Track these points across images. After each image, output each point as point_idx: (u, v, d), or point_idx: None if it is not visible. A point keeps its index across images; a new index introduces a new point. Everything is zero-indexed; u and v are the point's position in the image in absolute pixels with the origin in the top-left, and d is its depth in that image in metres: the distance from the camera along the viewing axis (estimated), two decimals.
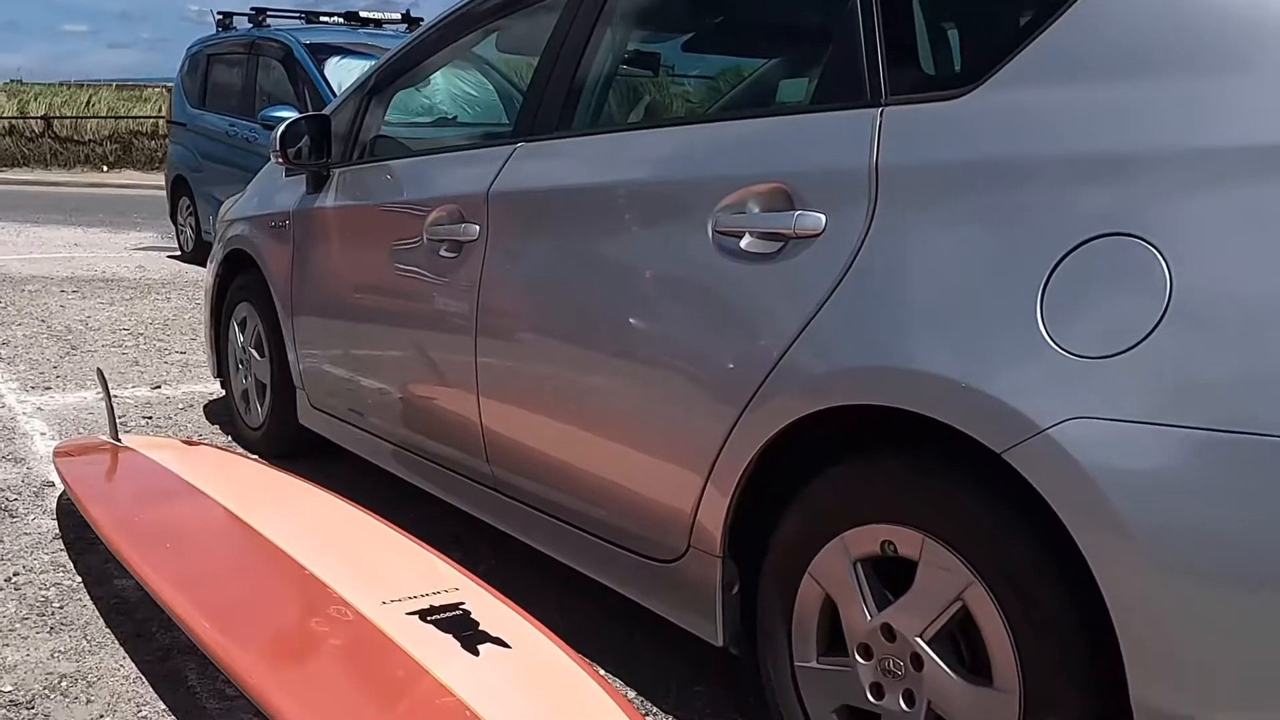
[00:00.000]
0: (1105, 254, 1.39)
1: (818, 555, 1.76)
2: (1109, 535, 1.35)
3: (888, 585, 1.68)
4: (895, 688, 1.66)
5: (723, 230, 1.87)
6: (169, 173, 9.02)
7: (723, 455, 1.86)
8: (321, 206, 3.21)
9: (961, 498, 1.56)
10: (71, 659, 2.21)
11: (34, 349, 5.13)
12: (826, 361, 1.69)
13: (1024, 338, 1.43)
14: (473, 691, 1.69)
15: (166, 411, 4.16)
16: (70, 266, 7.98)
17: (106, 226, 11.25)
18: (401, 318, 2.77)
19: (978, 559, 1.53)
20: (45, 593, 2.50)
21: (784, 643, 1.83)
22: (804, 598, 1.79)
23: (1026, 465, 1.42)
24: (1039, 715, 1.47)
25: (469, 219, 2.51)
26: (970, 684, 1.56)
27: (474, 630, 1.88)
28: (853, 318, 1.66)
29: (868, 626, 1.68)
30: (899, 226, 1.63)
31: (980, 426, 1.47)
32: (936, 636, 1.60)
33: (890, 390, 1.59)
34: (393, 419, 2.89)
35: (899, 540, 1.63)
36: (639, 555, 2.10)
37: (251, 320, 3.66)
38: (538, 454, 2.32)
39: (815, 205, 1.74)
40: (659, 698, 2.15)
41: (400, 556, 2.23)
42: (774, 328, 1.77)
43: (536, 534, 2.40)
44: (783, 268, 1.78)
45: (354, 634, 1.85)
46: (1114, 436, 1.34)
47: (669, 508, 1.98)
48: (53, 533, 2.86)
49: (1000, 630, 1.51)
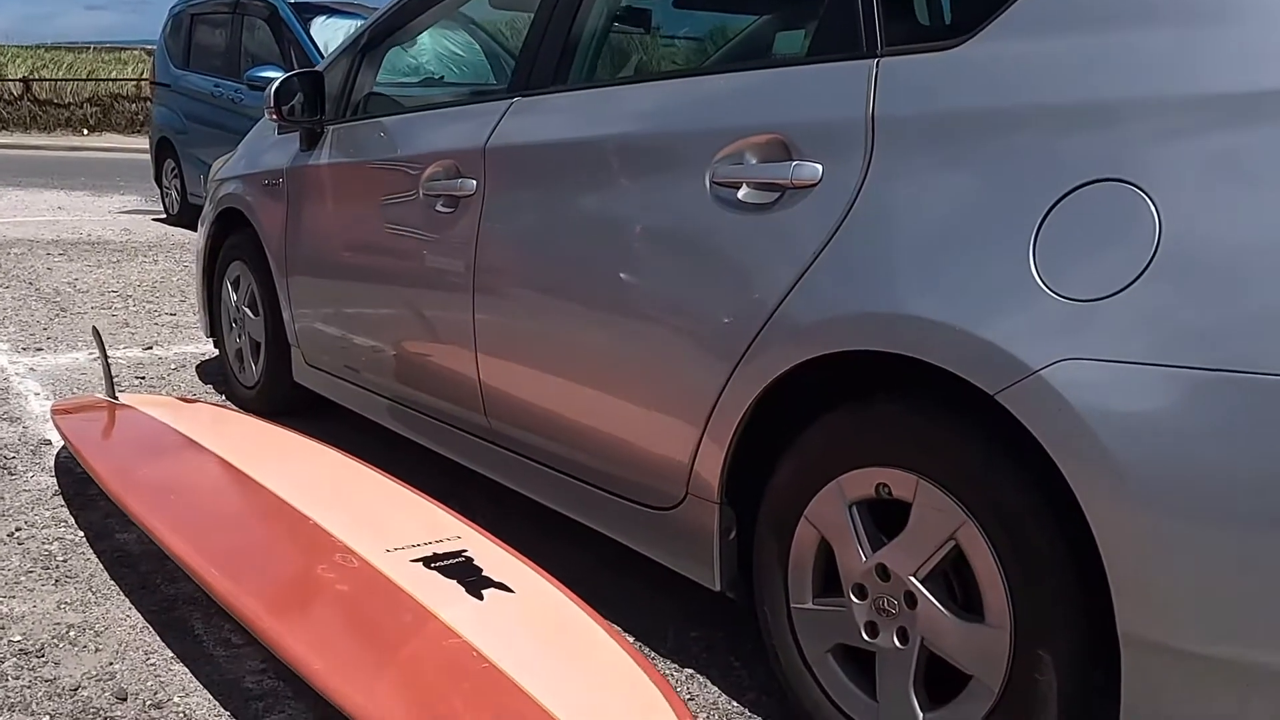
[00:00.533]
0: (1096, 200, 1.43)
1: (814, 499, 1.80)
2: (1099, 474, 1.39)
3: (882, 527, 1.73)
4: (889, 626, 1.70)
5: (720, 181, 1.90)
6: (153, 135, 8.96)
7: (720, 405, 1.90)
8: (316, 164, 3.21)
9: (955, 440, 1.60)
10: (78, 610, 2.24)
11: (23, 311, 5.13)
12: (823, 309, 1.72)
13: (1017, 282, 1.47)
14: (479, 633, 1.73)
15: (159, 372, 4.17)
16: (55, 229, 7.94)
17: (89, 189, 11.17)
18: (398, 274, 2.79)
19: (970, 499, 1.57)
20: (48, 547, 2.53)
21: (780, 585, 1.87)
22: (800, 541, 1.83)
23: (1019, 406, 1.46)
24: (1029, 649, 1.52)
25: (465, 174, 2.52)
26: (963, 620, 1.61)
27: (477, 576, 1.92)
28: (848, 265, 1.70)
29: (863, 567, 1.73)
30: (894, 176, 1.66)
31: (973, 369, 1.51)
32: (930, 575, 1.64)
33: (885, 336, 1.62)
34: (389, 375, 2.91)
35: (893, 483, 1.67)
36: (636, 503, 2.14)
37: (245, 279, 3.67)
38: (536, 407, 2.35)
39: (812, 155, 1.77)
40: (656, 642, 2.20)
41: (401, 507, 2.27)
42: (771, 277, 1.80)
43: (533, 484, 2.44)
44: (780, 218, 1.81)
45: (360, 580, 1.89)
46: (1105, 377, 1.38)
47: (667, 457, 2.02)
48: (52, 489, 2.89)
49: (992, 568, 1.56)
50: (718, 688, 2.04)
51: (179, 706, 1.91)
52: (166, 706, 1.91)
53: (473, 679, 1.63)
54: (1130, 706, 1.42)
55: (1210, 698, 1.37)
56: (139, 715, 1.87)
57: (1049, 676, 1.51)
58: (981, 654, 1.58)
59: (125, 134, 19.52)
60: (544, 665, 1.67)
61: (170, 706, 1.91)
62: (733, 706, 1.98)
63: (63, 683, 1.97)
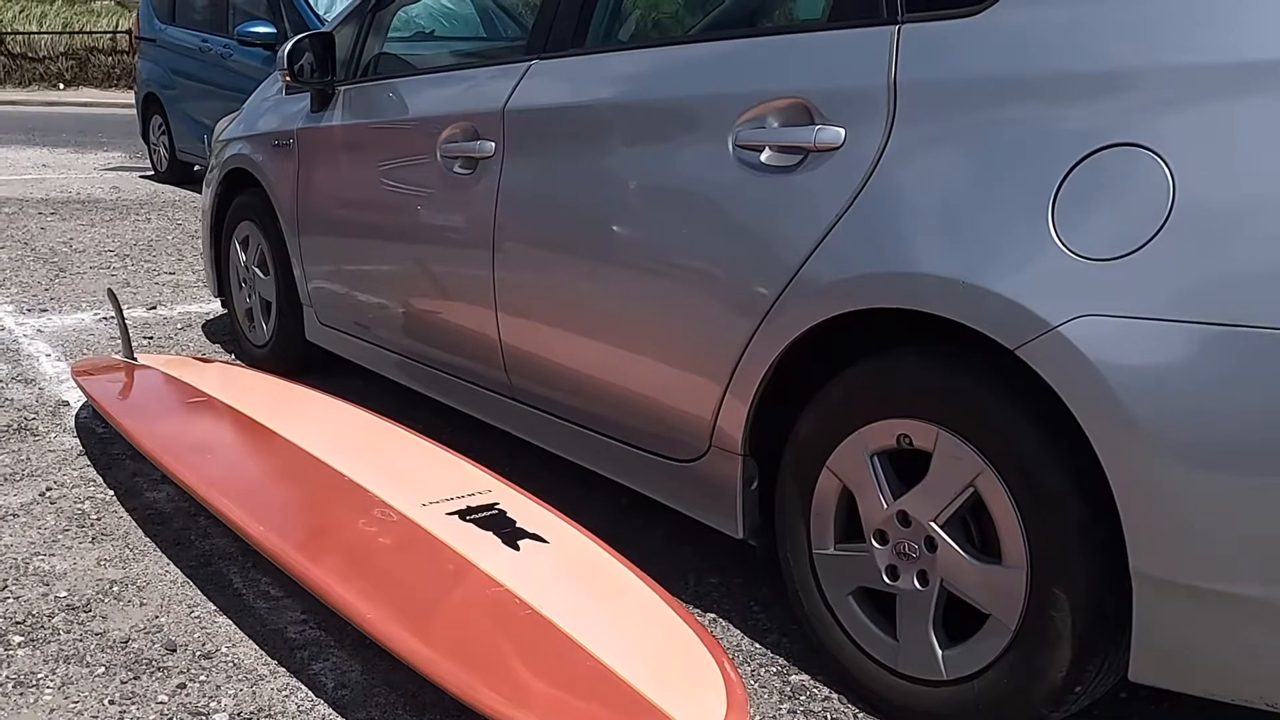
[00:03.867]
0: (1113, 163, 1.50)
1: (836, 450, 1.88)
2: (1116, 425, 1.48)
3: (902, 476, 1.81)
4: (910, 569, 1.80)
5: (743, 145, 1.96)
6: (139, 90, 8.88)
7: (743, 362, 1.97)
8: (328, 125, 3.25)
9: (976, 392, 1.68)
10: (118, 566, 2.31)
11: (22, 272, 5.15)
12: (845, 268, 1.80)
13: (1036, 243, 1.55)
14: (519, 582, 1.81)
15: (166, 331, 4.22)
16: (43, 188, 7.91)
17: (72, 146, 11.09)
18: (414, 234, 2.84)
19: (989, 448, 1.66)
20: (81, 506, 2.60)
21: (802, 533, 1.96)
22: (822, 490, 1.92)
23: (1038, 361, 1.54)
24: (1045, 588, 1.62)
25: (484, 135, 2.57)
26: (981, 563, 1.70)
27: (512, 527, 2.01)
28: (871, 226, 1.77)
29: (884, 514, 1.82)
30: (916, 140, 1.73)
31: (995, 326, 1.59)
32: (949, 520, 1.73)
33: (909, 294, 1.70)
34: (405, 333, 2.97)
35: (914, 433, 1.76)
36: (660, 456, 2.22)
37: (254, 239, 3.71)
38: (558, 365, 2.42)
39: (835, 119, 1.83)
40: (678, 588, 2.29)
41: (429, 461, 2.34)
42: (793, 238, 1.87)
43: (555, 439, 2.52)
44: (802, 180, 1.87)
45: (401, 533, 1.97)
46: (1121, 332, 1.47)
47: (691, 413, 2.10)
48: (77, 450, 2.95)
49: (1010, 513, 1.65)
50: (740, 630, 2.13)
51: (227, 656, 1.99)
52: (216, 656, 1.99)
53: (518, 624, 1.71)
54: (1141, 638, 1.52)
55: (1217, 630, 1.47)
56: (190, 666, 1.96)
57: (1064, 612, 1.61)
58: (999, 594, 1.68)
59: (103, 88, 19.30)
60: (584, 610, 1.76)
61: (219, 656, 1.99)
62: (755, 648, 2.07)
63: (112, 635, 2.05)
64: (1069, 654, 1.61)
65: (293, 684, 1.91)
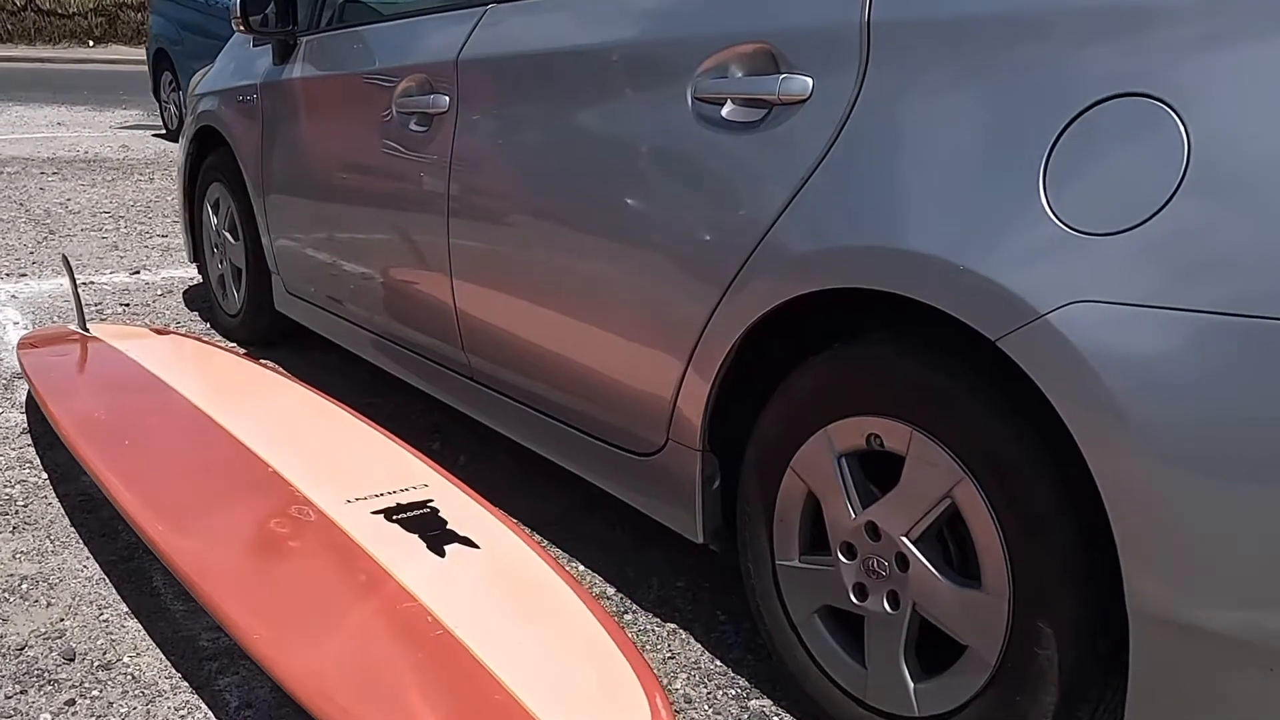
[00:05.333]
0: (1116, 117, 1.24)
1: (801, 449, 1.65)
2: (1110, 429, 1.23)
3: (874, 481, 1.58)
4: (879, 589, 1.57)
5: (703, 97, 1.72)
6: (150, 45, 8.71)
7: (703, 341, 1.74)
8: (289, 78, 3.03)
9: (952, 388, 1.44)
10: (34, 560, 2.13)
11: (10, 234, 4.99)
12: (811, 240, 1.55)
13: (1025, 213, 1.30)
14: (437, 596, 1.61)
15: (144, 298, 4.04)
16: (52, 147, 7.77)
17: (91, 104, 10.96)
18: (374, 198, 2.62)
19: (968, 454, 1.42)
20: (10, 490, 2.42)
21: (765, 540, 1.74)
22: (786, 494, 1.69)
23: (1023, 354, 1.30)
24: (1029, 619, 1.38)
25: (438, 89, 2.34)
26: (958, 586, 1.47)
27: (441, 530, 1.80)
28: (840, 192, 1.52)
29: (851, 524, 1.59)
30: (891, 90, 1.48)
31: (974, 311, 1.34)
32: (923, 536, 1.50)
33: (879, 272, 1.46)
34: (368, 305, 2.77)
35: (885, 434, 1.52)
36: (617, 448, 2.00)
37: (224, 201, 3.51)
38: (513, 339, 2.20)
39: (801, 67, 1.58)
40: (640, 593, 2.08)
41: (370, 452, 2.14)
42: (757, 203, 1.63)
43: (513, 425, 2.30)
44: (766, 137, 1.63)
45: (315, 535, 1.77)
46: (1119, 322, 1.22)
47: (647, 397, 1.88)
48: (21, 426, 2.77)
49: (990, 530, 1.41)
50: (700, 644, 1.92)
51: (128, 668, 1.80)
52: (115, 668, 1.80)
53: (426, 646, 1.51)
54: (1139, 685, 1.29)
55: (1228, 678, 1.22)
56: (84, 678, 1.77)
57: (1050, 649, 1.37)
58: (978, 623, 1.45)
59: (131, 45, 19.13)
60: (504, 633, 1.55)
61: (119, 668, 1.80)
62: (715, 666, 1.86)
63: (9, 641, 1.86)
64: (1055, 697, 1.38)
65: (192, 702, 1.72)
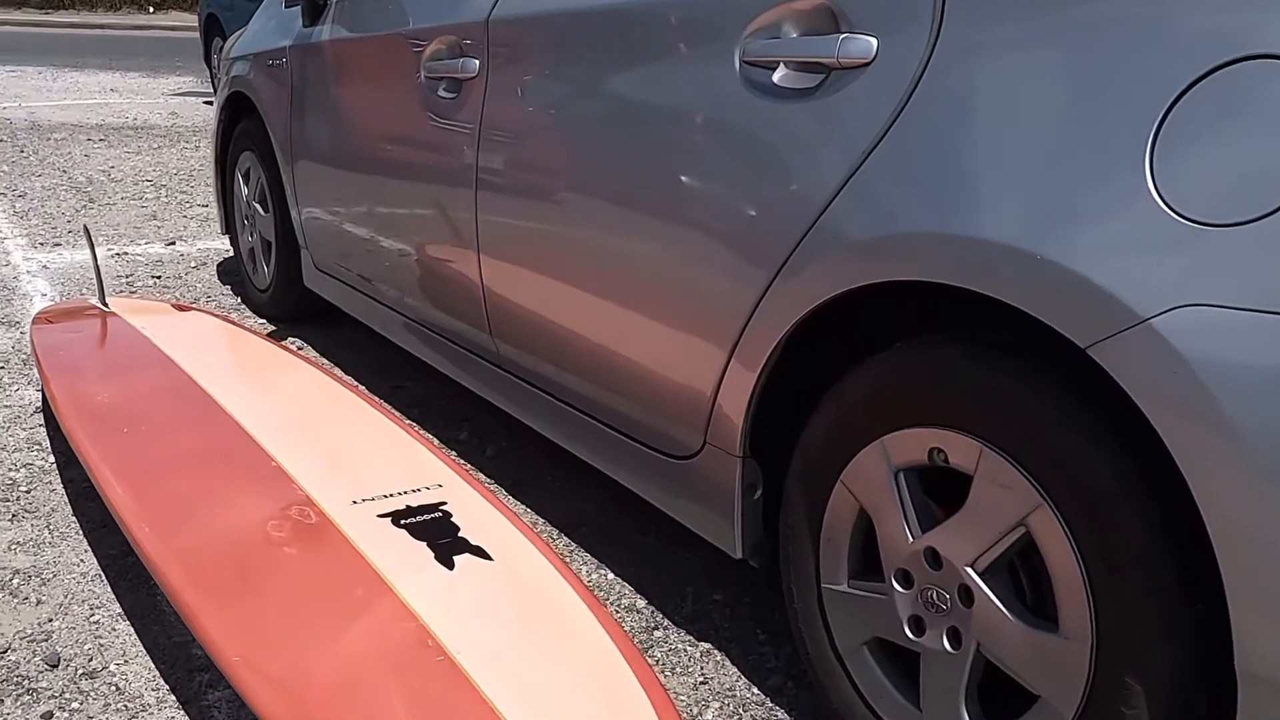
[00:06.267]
0: (1243, 84, 1.03)
1: (853, 460, 1.46)
2: (1221, 456, 1.03)
3: (935, 501, 1.39)
4: (939, 624, 1.38)
5: (752, 60, 1.53)
6: (201, 11, 8.63)
7: (748, 331, 1.55)
8: (318, 41, 2.87)
9: (1031, 400, 1.24)
10: (29, 552, 2.00)
11: (50, 202, 4.91)
12: (872, 224, 1.36)
13: (1127, 199, 1.09)
14: (440, 615, 1.45)
15: (177, 270, 3.92)
16: (102, 113, 7.72)
17: (146, 71, 10.94)
18: (402, 170, 2.46)
19: (1048, 477, 1.22)
20: (14, 474, 2.30)
21: (810, 560, 1.55)
22: (835, 509, 1.50)
23: (1119, 365, 1.10)
24: (1114, 671, 1.19)
25: (467, 53, 2.17)
26: (1030, 627, 1.27)
27: (452, 537, 1.63)
28: (906, 170, 1.32)
29: (909, 549, 1.40)
30: (970, 52, 1.27)
31: (1061, 313, 1.14)
32: (991, 567, 1.31)
33: (949, 264, 1.26)
34: (395, 284, 2.61)
35: (951, 448, 1.33)
36: (650, 449, 1.82)
37: (255, 171, 3.36)
38: (541, 323, 2.03)
39: (865, 26, 1.38)
40: (672, 606, 1.90)
41: (384, 446, 1.98)
42: (811, 180, 1.44)
43: (541, 418, 2.13)
44: (823, 106, 1.43)
45: (314, 541, 1.61)
46: (1239, 331, 1.01)
47: (683, 393, 1.69)
48: (35, 405, 2.66)
49: (1071, 566, 1.21)
50: (737, 668, 1.74)
51: (113, 677, 1.66)
52: (100, 676, 1.66)
53: (421, 673, 1.34)
54: None
55: None
56: (66, 688, 1.63)
57: (1138, 709, 1.17)
58: (1052, 671, 1.25)
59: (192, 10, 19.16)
60: (511, 659, 1.38)
61: (104, 677, 1.66)
62: (752, 694, 1.68)
63: None
64: None
65: (177, 718, 1.58)
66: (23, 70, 10.62)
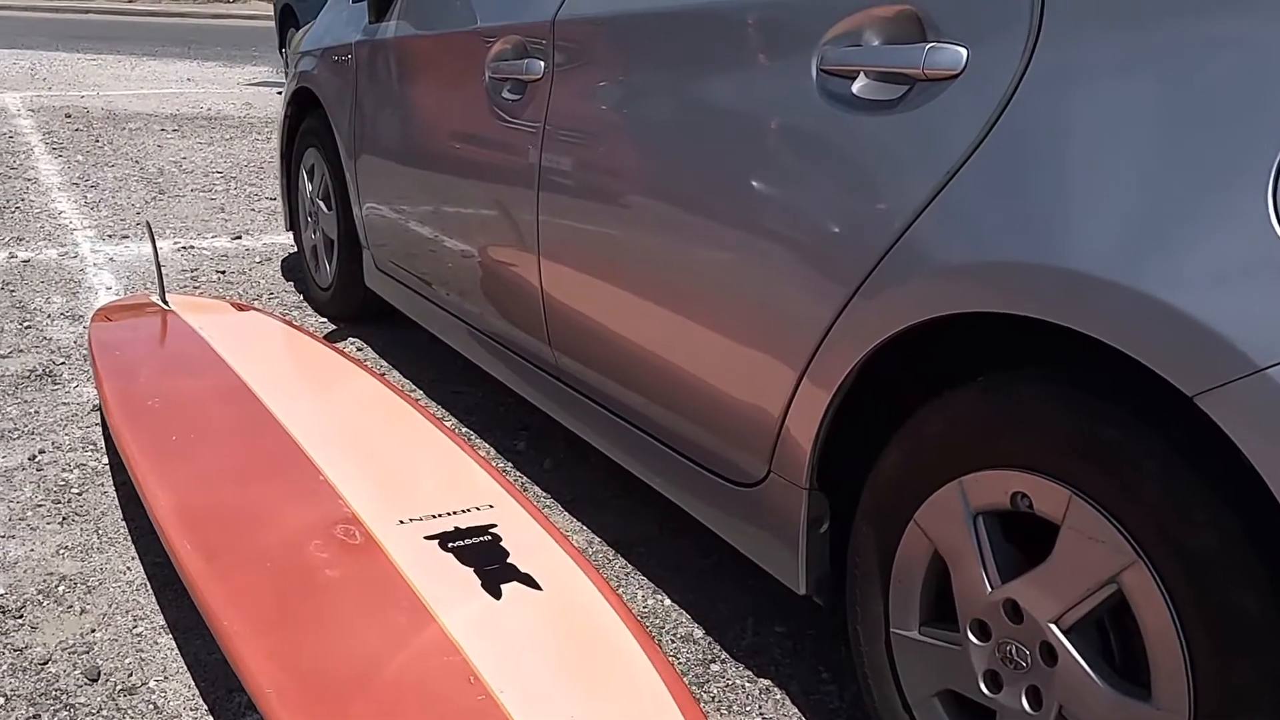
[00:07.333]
0: None
1: (927, 500, 1.36)
2: None
3: (1018, 548, 1.29)
4: (1018, 681, 1.28)
5: (830, 69, 1.43)
6: (276, 1, 8.69)
7: (820, 353, 1.46)
8: (383, 37, 2.82)
9: (1128, 448, 1.13)
10: (77, 557, 1.98)
11: (121, 193, 4.94)
12: (956, 249, 1.26)
13: (1245, 232, 0.99)
14: (485, 650, 1.38)
15: (242, 265, 3.91)
16: (176, 103, 7.80)
17: (223, 60, 11.07)
18: (465, 171, 2.39)
19: (1144, 532, 1.12)
20: (67, 475, 2.28)
21: (879, 603, 1.46)
22: (907, 551, 1.40)
23: (1229, 416, 0.99)
24: None
25: (532, 54, 2.10)
26: (1120, 693, 1.17)
27: (500, 564, 1.56)
28: (995, 191, 1.22)
29: (987, 599, 1.30)
30: (1070, 65, 1.17)
31: (1167, 357, 1.04)
32: (1078, 625, 1.20)
33: (1044, 298, 1.15)
34: (455, 288, 2.55)
35: (1036, 494, 1.22)
36: (711, 473, 1.74)
37: (319, 168, 3.33)
38: (602, 334, 1.95)
39: (954, 35, 1.28)
40: (731, 638, 1.81)
41: (436, 462, 1.92)
42: (892, 196, 1.34)
43: (600, 434, 2.06)
44: (906, 119, 1.34)
45: (358, 563, 1.55)
46: None
47: (749, 416, 1.61)
48: (93, 403, 2.64)
49: (1168, 630, 1.10)
50: (797, 708, 1.65)
51: (153, 693, 1.62)
52: (139, 693, 1.62)
53: (461, 711, 1.27)
54: None
55: None
56: (104, 704, 1.59)
57: None
58: None
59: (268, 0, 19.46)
60: (555, 701, 1.31)
61: (142, 693, 1.62)
62: None
63: (34, 653, 1.70)
64: None
65: None
66: (102, 58, 10.81)
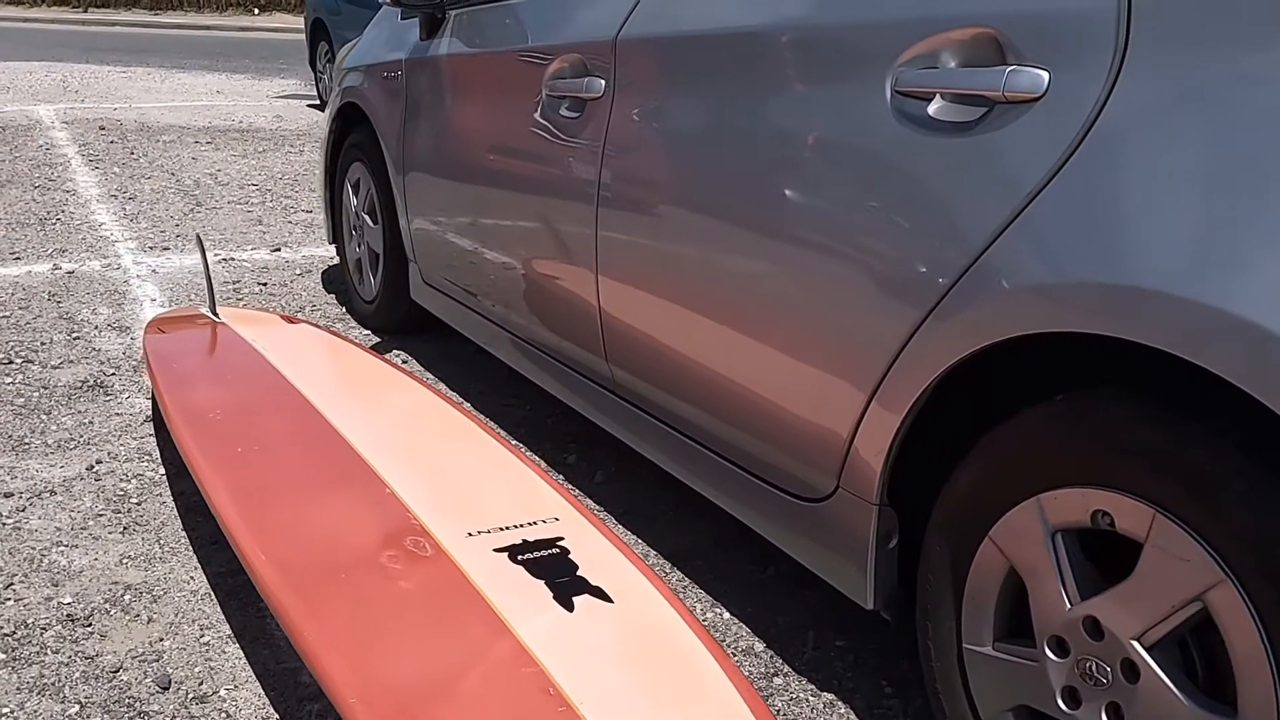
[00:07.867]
0: None
1: (1004, 517, 1.37)
2: None
3: (1098, 564, 1.29)
4: (1097, 699, 1.28)
5: (905, 90, 1.45)
6: (307, 14, 8.75)
7: (893, 372, 1.47)
8: (436, 55, 2.85)
9: (1215, 467, 1.14)
10: (140, 567, 2.00)
11: (159, 205, 4.99)
12: (1037, 269, 1.27)
13: None
14: (560, 661, 1.39)
15: (282, 277, 3.95)
16: (209, 116, 7.87)
17: (251, 73, 11.16)
18: (520, 187, 2.41)
19: (1231, 551, 1.12)
20: (125, 485, 2.31)
21: (951, 618, 1.46)
22: (982, 566, 1.41)
23: None
24: None
25: (593, 72, 2.12)
26: (1205, 710, 1.17)
27: (570, 576, 1.58)
28: (1078, 213, 1.23)
29: (1066, 616, 1.30)
30: (1156, 89, 1.18)
31: (1258, 379, 1.04)
32: (1161, 642, 1.21)
33: (1132, 319, 1.16)
34: (506, 302, 2.57)
35: (1119, 512, 1.23)
36: (776, 489, 1.75)
37: (365, 182, 3.36)
38: (662, 350, 1.97)
39: (1035, 58, 1.30)
40: (792, 651, 1.82)
41: (497, 474, 1.93)
42: (969, 219, 1.35)
43: (657, 449, 2.07)
44: (985, 142, 1.35)
45: (429, 575, 1.57)
46: None
47: (817, 433, 1.62)
48: (146, 414, 2.67)
49: (1256, 649, 1.11)
50: None
51: (224, 701, 1.64)
52: (210, 701, 1.64)
53: None
54: None
55: None
56: (176, 711, 1.61)
57: None
58: None
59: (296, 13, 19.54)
60: (634, 711, 1.32)
61: (214, 701, 1.64)
62: None
63: (104, 661, 1.72)
64: None
65: None
66: (131, 71, 10.91)
